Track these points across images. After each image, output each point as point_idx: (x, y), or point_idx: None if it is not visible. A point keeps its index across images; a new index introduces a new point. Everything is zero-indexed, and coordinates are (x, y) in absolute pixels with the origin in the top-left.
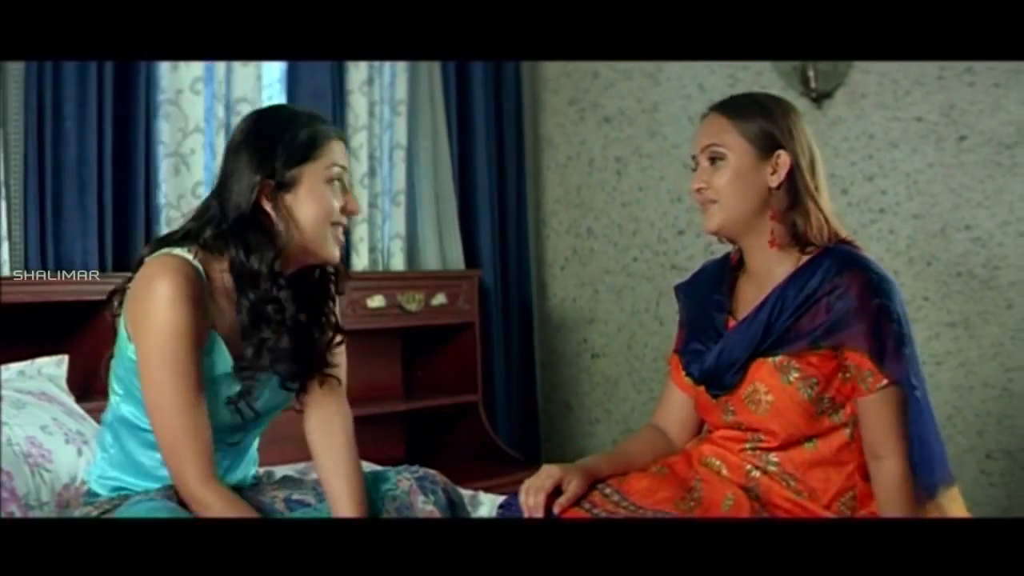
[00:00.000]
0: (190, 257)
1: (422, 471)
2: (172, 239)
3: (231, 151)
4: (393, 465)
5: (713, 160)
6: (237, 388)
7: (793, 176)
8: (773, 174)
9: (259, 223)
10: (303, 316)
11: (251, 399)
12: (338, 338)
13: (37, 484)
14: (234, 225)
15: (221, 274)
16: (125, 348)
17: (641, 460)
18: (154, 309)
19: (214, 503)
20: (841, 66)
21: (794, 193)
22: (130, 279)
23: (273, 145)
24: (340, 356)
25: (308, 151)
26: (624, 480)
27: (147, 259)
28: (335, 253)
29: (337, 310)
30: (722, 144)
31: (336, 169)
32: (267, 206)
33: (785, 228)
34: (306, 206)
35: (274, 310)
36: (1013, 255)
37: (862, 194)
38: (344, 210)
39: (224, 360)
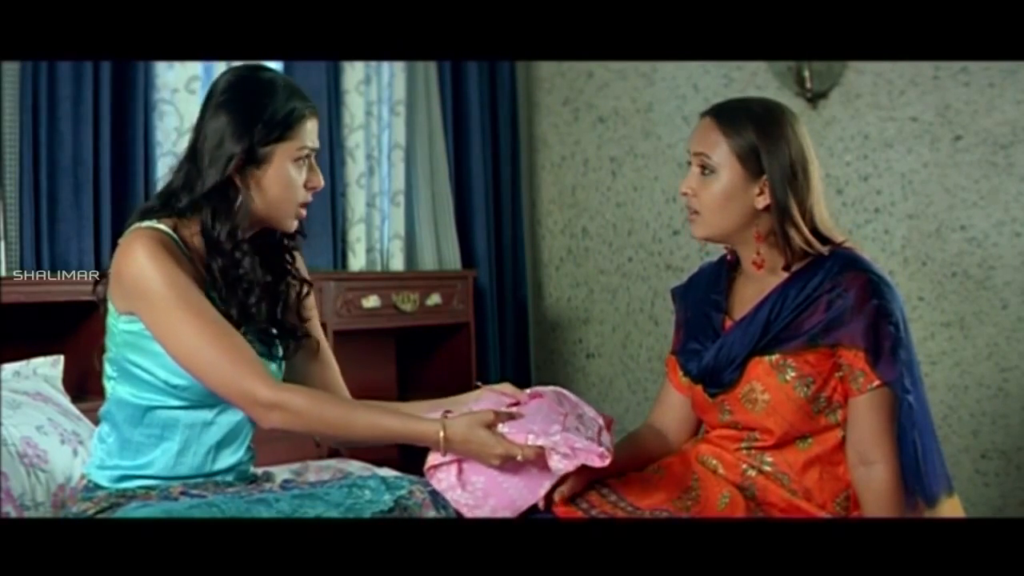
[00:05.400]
0: (163, 227)
1: None
2: (151, 211)
3: (209, 111)
4: (388, 465)
5: (703, 169)
6: None
7: (778, 200)
8: (760, 195)
9: (226, 193)
10: (268, 277)
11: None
12: (305, 289)
13: (32, 484)
14: (207, 193)
15: (193, 237)
16: (116, 323)
17: (638, 460)
18: (141, 268)
19: (293, 399)
20: (836, 66)
21: (780, 216)
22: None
23: (252, 119)
24: (313, 317)
25: (283, 131)
26: (621, 480)
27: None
28: (292, 226)
29: (302, 267)
30: (713, 158)
31: (306, 151)
32: (236, 178)
33: (770, 249)
34: (272, 186)
35: (242, 274)
36: (1008, 255)
37: (857, 194)
38: (307, 186)
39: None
